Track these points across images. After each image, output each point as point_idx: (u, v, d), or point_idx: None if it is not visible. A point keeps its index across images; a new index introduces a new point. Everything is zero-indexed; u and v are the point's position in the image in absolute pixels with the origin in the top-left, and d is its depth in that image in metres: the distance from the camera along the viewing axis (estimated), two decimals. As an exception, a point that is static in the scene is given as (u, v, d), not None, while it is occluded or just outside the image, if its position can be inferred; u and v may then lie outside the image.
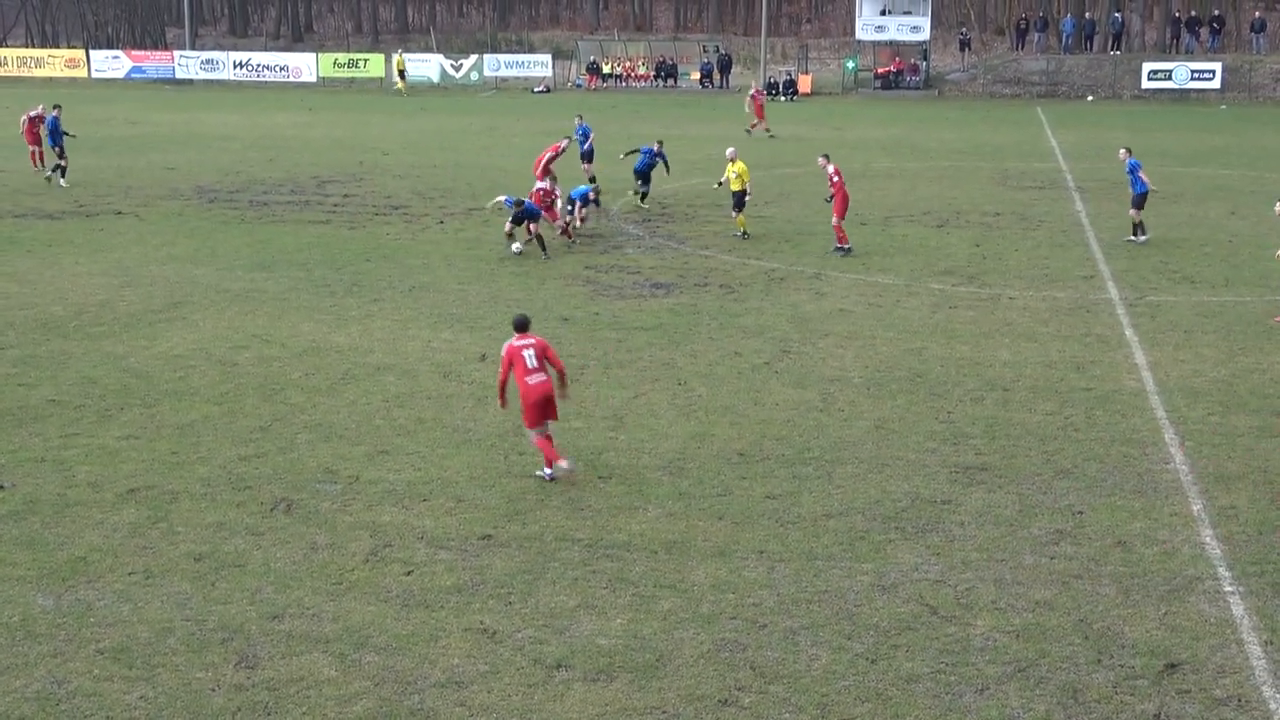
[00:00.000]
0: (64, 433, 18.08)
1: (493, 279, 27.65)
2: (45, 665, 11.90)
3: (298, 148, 50.47)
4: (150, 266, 28.72)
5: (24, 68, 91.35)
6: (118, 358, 21.74)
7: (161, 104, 71.53)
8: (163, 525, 14.99)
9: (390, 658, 12.06)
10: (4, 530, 14.82)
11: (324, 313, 24.67)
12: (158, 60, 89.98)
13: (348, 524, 15.04)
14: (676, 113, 66.30)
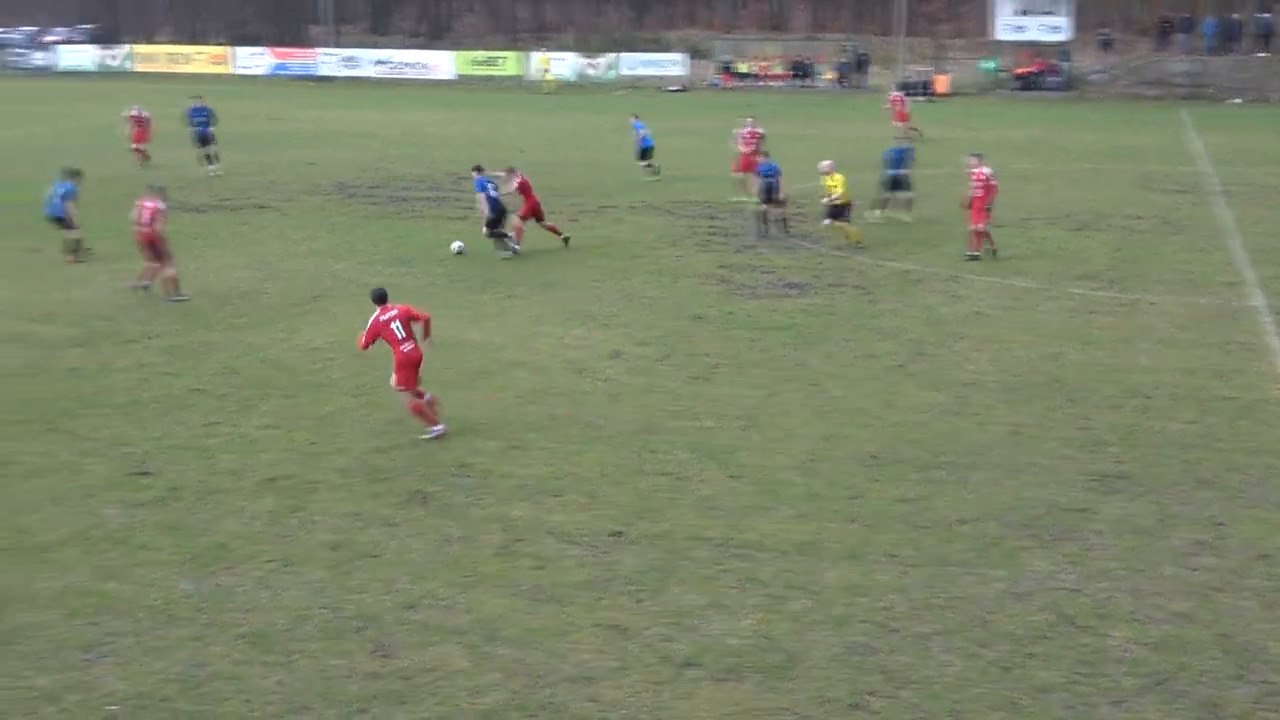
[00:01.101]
0: (206, 421, 18.49)
1: (626, 276, 27.74)
2: (186, 649, 12.18)
3: (436, 145, 51.03)
4: (291, 260, 29.23)
5: (172, 64, 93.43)
6: (259, 349, 22.17)
7: (303, 100, 72.74)
8: (301, 514, 15.26)
9: (521, 651, 12.16)
10: (148, 516, 15.19)
11: (461, 308, 24.93)
12: (300, 57, 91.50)
13: (480, 517, 15.19)
14: (812, 112, 65.97)
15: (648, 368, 21.20)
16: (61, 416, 18.70)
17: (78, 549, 14.33)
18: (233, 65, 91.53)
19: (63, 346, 22.30)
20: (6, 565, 13.90)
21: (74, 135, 44.22)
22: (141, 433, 18.03)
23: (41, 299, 25.56)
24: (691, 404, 19.31)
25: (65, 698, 11.35)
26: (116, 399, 19.51)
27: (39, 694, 11.40)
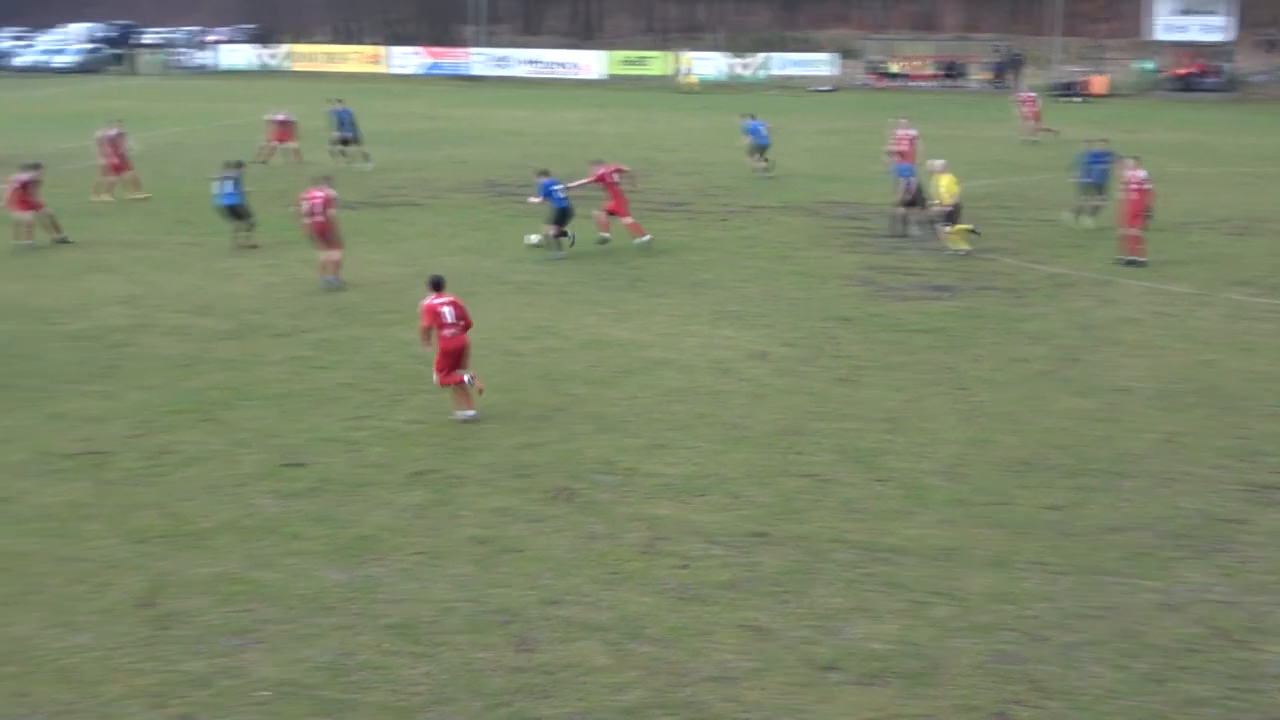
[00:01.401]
0: (357, 414, 18.78)
1: (772, 277, 27.65)
2: (335, 637, 12.38)
3: (584, 143, 51.29)
4: (440, 257, 29.58)
5: (328, 63, 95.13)
6: (407, 344, 22.41)
7: (455, 99, 73.59)
8: (447, 508, 15.44)
9: (662, 649, 12.17)
10: (300, 506, 15.47)
11: (605, 306, 25.04)
12: (452, 57, 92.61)
13: (624, 515, 15.24)
14: (962, 113, 65.19)
15: (793, 369, 21.11)
16: (217, 407, 19.13)
17: (231, 537, 14.64)
18: (387, 64, 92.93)
19: (219, 339, 22.82)
20: (163, 551, 14.25)
21: (233, 132, 45.22)
22: (293, 425, 18.38)
23: (200, 293, 26.18)
24: (836, 406, 19.19)
25: (217, 682, 11.61)
26: (269, 391, 19.91)
27: (192, 678, 11.67)
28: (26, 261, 29.16)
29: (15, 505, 15.51)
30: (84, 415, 18.78)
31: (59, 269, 28.35)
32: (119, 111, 49.41)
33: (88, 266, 28.62)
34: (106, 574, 13.70)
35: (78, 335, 22.95)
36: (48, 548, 14.33)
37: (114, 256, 29.67)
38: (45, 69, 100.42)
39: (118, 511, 15.32)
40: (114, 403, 19.34)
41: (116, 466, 16.78)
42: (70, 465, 16.81)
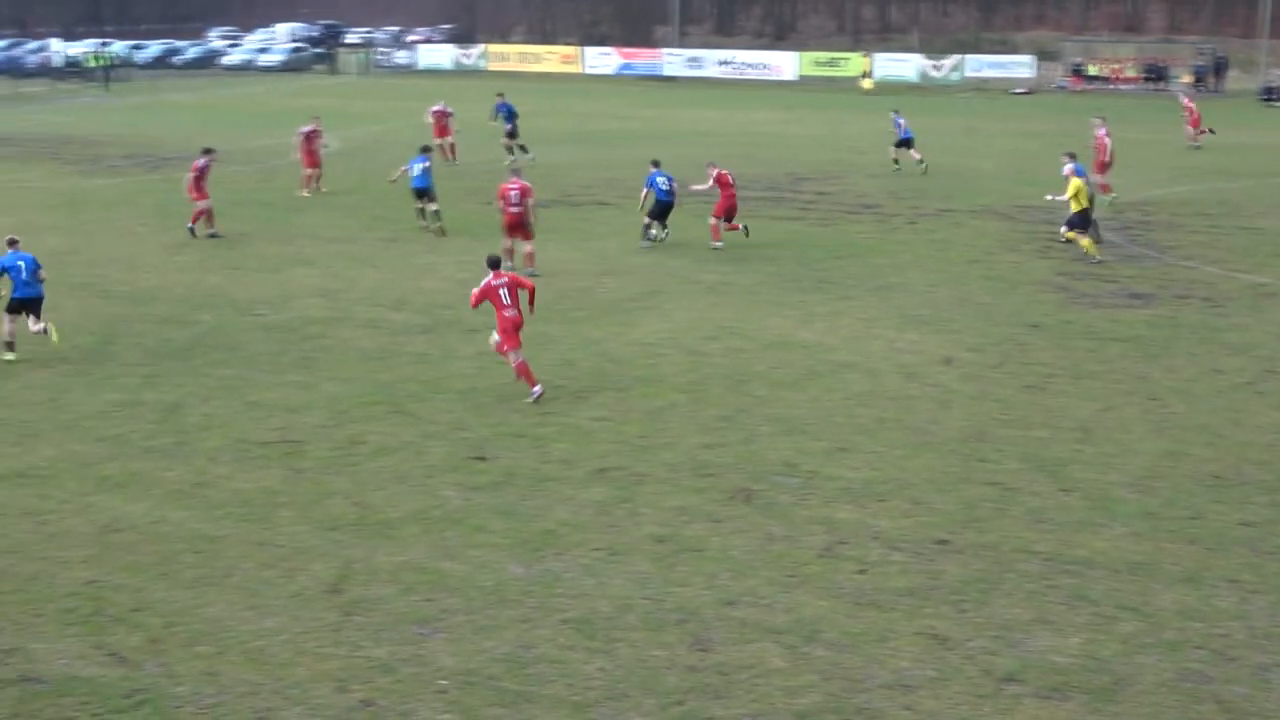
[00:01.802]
0: (542, 410, 18.99)
1: (962, 282, 27.27)
2: (514, 630, 12.53)
3: (775, 144, 51.21)
4: (629, 256, 29.78)
5: (523, 63, 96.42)
6: (594, 342, 22.66)
7: (647, 100, 73.99)
8: (628, 505, 15.52)
9: (839, 654, 12.08)
10: (484, 500, 15.70)
11: (792, 308, 24.95)
12: (646, 58, 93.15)
13: (804, 518, 15.16)
14: (1164, 117, 63.49)
15: (980, 374, 20.79)
16: (407, 400, 19.51)
17: (417, 527, 14.92)
18: (581, 65, 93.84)
19: (411, 333, 23.27)
20: (351, 539, 14.58)
21: (428, 132, 45.96)
22: (480, 419, 18.65)
23: (394, 288, 26.74)
24: (1024, 413, 18.85)
25: (400, 670, 11.83)
26: (458, 385, 20.24)
27: (376, 664, 11.92)
28: (229, 254, 30.08)
29: (212, 490, 16.01)
30: (280, 405, 19.31)
31: (260, 262, 29.19)
32: (320, 109, 50.69)
33: (288, 260, 29.43)
34: (297, 559, 14.06)
35: (276, 326, 23.60)
36: (242, 532, 14.77)
37: (313, 250, 30.46)
38: (252, 68, 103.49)
39: (309, 499, 15.72)
40: (309, 393, 19.86)
41: (310, 455, 17.21)
42: (265, 453, 17.30)
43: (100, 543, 14.49)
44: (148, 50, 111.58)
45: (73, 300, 25.57)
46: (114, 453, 17.32)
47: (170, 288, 26.76)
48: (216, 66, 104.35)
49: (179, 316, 24.45)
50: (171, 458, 17.12)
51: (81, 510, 15.40)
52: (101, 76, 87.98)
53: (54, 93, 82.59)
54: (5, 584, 13.47)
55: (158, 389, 20.08)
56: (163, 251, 30.53)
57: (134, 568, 13.86)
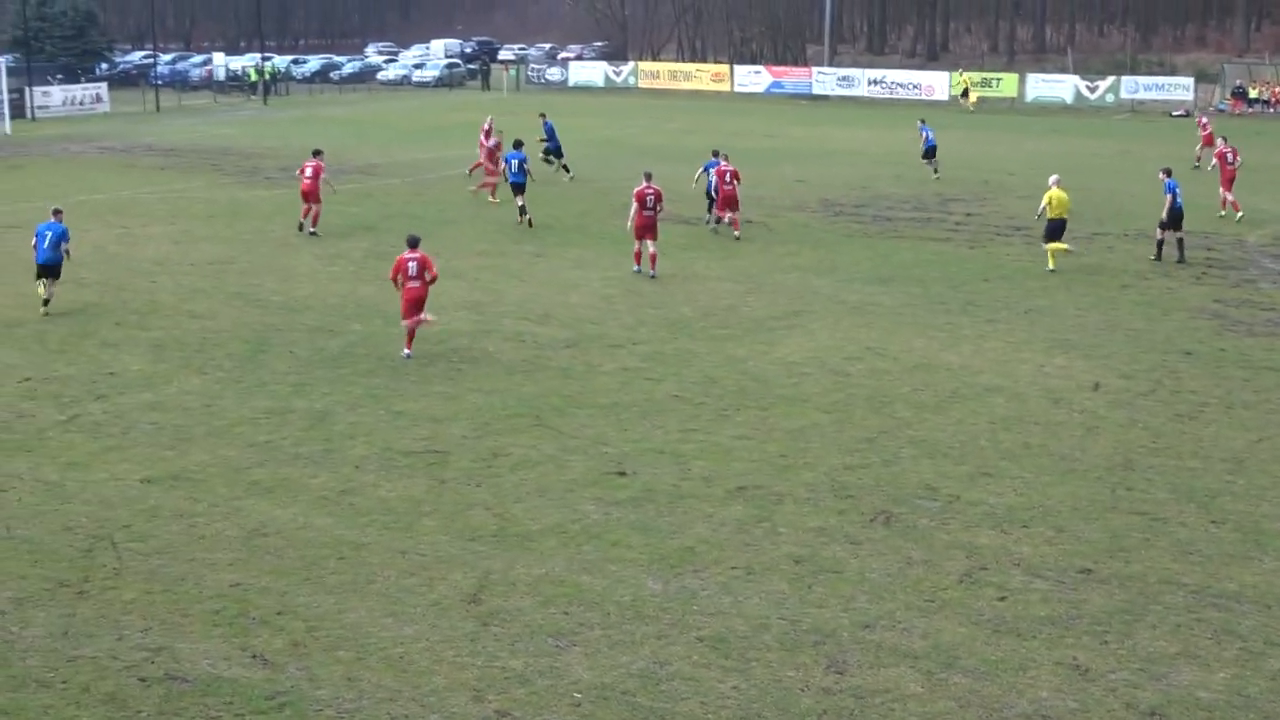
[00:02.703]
0: (683, 427, 19.01)
1: (1112, 306, 26.78)
2: (650, 646, 12.55)
3: (925, 165, 50.75)
4: (774, 275, 29.71)
5: (673, 80, 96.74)
6: (738, 360, 22.64)
7: (796, 118, 73.79)
8: (766, 525, 15.47)
9: (977, 681, 11.91)
10: (623, 515, 15.75)
11: (937, 330, 24.70)
12: (796, 76, 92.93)
13: (944, 542, 14.99)
14: (1328, 141, 61.83)
15: (1129, 401, 20.39)
16: (550, 413, 19.66)
17: (556, 540, 15.01)
18: (732, 83, 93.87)
19: (555, 347, 23.45)
20: (491, 550, 14.72)
21: (579, 148, 46.47)
22: (621, 434, 18.73)
23: (540, 302, 26.97)
24: (1174, 442, 18.44)
25: (535, 681, 11.91)
26: (600, 400, 20.35)
27: (512, 675, 12.01)
28: (381, 266, 30.49)
29: (358, 498, 16.27)
30: (426, 415, 19.58)
31: (410, 274, 29.60)
32: (471, 125, 51.23)
33: (440, 272, 29.73)
34: (438, 568, 14.23)
35: (424, 337, 23.91)
36: (385, 540, 14.98)
37: (462, 264, 30.82)
38: (408, 83, 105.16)
39: (452, 509, 15.91)
40: (454, 404, 20.10)
41: (453, 466, 17.42)
42: (410, 462, 17.54)
43: (247, 546, 14.80)
44: (307, 65, 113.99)
45: (228, 309, 26.18)
46: (263, 458, 17.69)
47: (323, 298, 27.28)
48: (373, 81, 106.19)
49: (330, 326, 24.91)
50: (319, 465, 17.44)
51: (230, 514, 15.75)
52: (261, 90, 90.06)
53: (216, 105, 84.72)
54: (155, 584, 13.82)
55: (307, 397, 20.47)
56: (316, 262, 31.13)
57: (279, 572, 14.14)
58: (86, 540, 14.96)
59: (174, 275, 29.50)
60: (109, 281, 28.78)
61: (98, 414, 19.61)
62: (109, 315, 25.68)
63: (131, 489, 16.56)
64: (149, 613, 13.17)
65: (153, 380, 21.41)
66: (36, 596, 13.54)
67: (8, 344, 23.55)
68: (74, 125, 68.33)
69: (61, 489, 16.56)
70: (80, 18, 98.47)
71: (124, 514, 15.73)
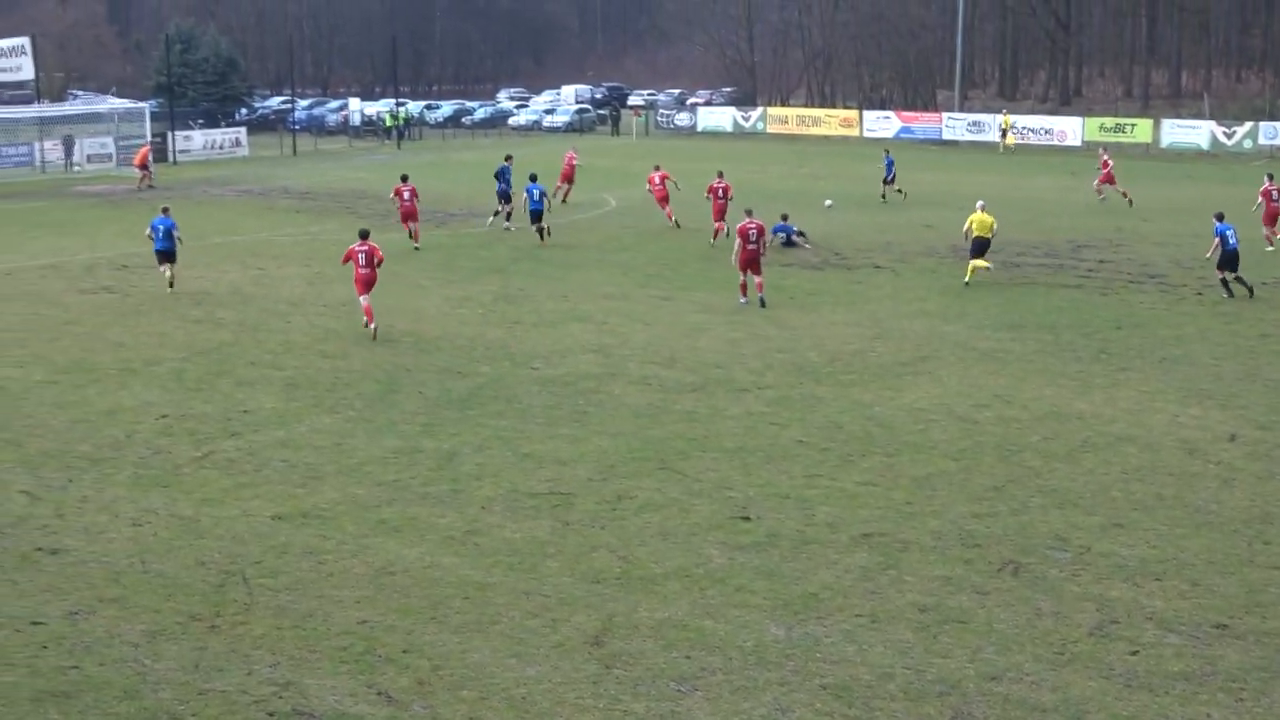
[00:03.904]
0: (808, 473, 18.91)
1: (1251, 356, 26.18)
2: (772, 692, 12.47)
3: (1056, 211, 50.17)
4: (901, 320, 29.50)
5: (802, 126, 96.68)
6: (864, 406, 22.48)
7: (926, 163, 73.28)
8: (892, 572, 15.32)
9: (1107, 737, 11.66)
10: (747, 559, 15.69)
11: (1068, 378, 24.34)
12: (926, 121, 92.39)
13: (1074, 594, 14.72)
14: None
15: (1267, 453, 19.91)
16: (675, 456, 19.67)
17: (680, 584, 14.99)
18: (861, 128, 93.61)
19: (682, 391, 23.47)
20: (615, 593, 14.73)
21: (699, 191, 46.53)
22: (746, 478, 18.67)
23: (667, 345, 27.02)
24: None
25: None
26: (725, 444, 20.32)
27: (634, 719, 11.98)
28: (509, 308, 30.86)
29: (483, 538, 16.39)
30: (552, 457, 19.69)
31: (538, 316, 29.87)
32: (601, 170, 51.58)
33: (564, 315, 30.03)
34: (561, 610, 14.27)
35: (551, 380, 24.09)
36: (509, 581, 15.07)
37: (589, 307, 31.02)
38: (538, 128, 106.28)
39: (576, 551, 15.96)
40: (580, 446, 20.19)
41: (578, 508, 17.49)
42: (536, 504, 17.64)
43: (375, 584, 14.97)
44: (440, 110, 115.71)
45: (360, 349, 26.59)
46: (392, 497, 17.90)
47: (452, 339, 27.59)
48: (504, 126, 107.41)
49: (459, 367, 25.17)
50: (446, 505, 17.60)
51: (359, 552, 15.95)
52: (396, 135, 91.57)
53: (351, 150, 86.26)
54: (284, 620, 14.02)
55: (436, 437, 20.69)
56: (445, 304, 31.51)
57: (405, 610, 14.28)
58: (219, 575, 15.24)
59: (308, 315, 30.05)
60: (245, 321, 29.38)
61: (231, 451, 20.00)
62: (244, 354, 26.21)
63: (263, 525, 16.85)
64: (278, 648, 13.37)
65: (285, 418, 21.79)
66: (169, 630, 13.81)
67: (147, 381, 24.13)
68: (214, 168, 70.00)
69: (196, 524, 16.90)
70: (222, 64, 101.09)
71: (255, 550, 16.00)
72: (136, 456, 19.80)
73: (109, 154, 71.73)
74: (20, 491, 18.23)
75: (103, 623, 14.02)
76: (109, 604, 14.49)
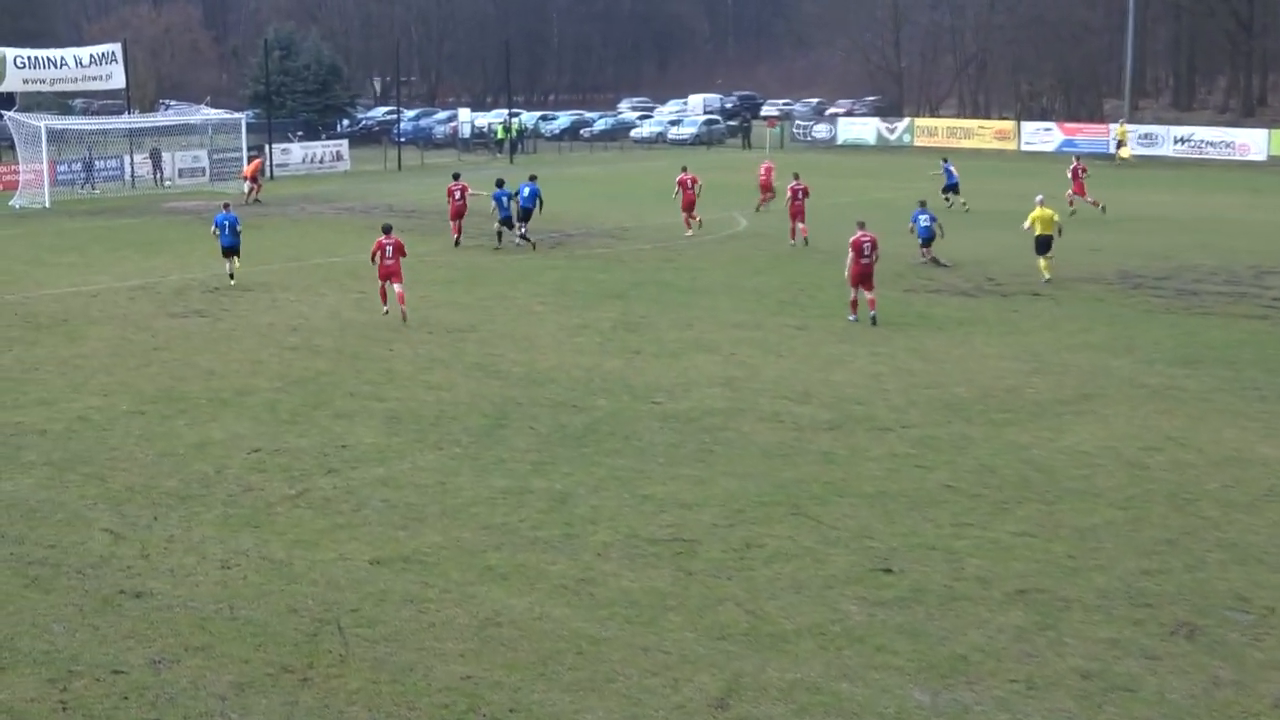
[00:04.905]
0: (956, 521, 18.70)
1: None
2: (916, 764, 12.31)
3: (1237, 232, 49.38)
4: (1062, 353, 29.13)
5: (952, 138, 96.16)
6: (1020, 448, 22.20)
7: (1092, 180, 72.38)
8: (1050, 633, 15.07)
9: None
10: (888, 616, 15.52)
11: (1250, 418, 23.85)
12: (1091, 134, 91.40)
13: (1258, 661, 14.38)
14: None
15: None
16: (809, 501, 19.55)
17: (813, 642, 14.87)
18: (1017, 141, 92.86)
19: (817, 429, 23.34)
20: (741, 651, 14.65)
21: (847, 211, 46.44)
22: (888, 527, 18.51)
23: (800, 379, 26.92)
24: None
25: (787, 798, 11.78)
26: (865, 488, 20.16)
27: (761, 790, 11.90)
28: (629, 337, 30.94)
29: (598, 588, 16.39)
30: (673, 500, 19.67)
31: (660, 346, 29.91)
32: (732, 188, 51.60)
33: (688, 345, 30.05)
34: (683, 668, 14.22)
35: (674, 415, 24.09)
36: (626, 635, 15.05)
37: (716, 336, 31.02)
38: (663, 141, 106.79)
39: (699, 604, 15.90)
40: (704, 489, 20.15)
41: (702, 556, 17.43)
42: (656, 551, 17.61)
43: (480, 636, 15.02)
44: (556, 121, 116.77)
45: (467, 380, 26.80)
46: (499, 541, 17.98)
47: (567, 370, 27.71)
48: (625, 139, 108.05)
49: (574, 401, 25.27)
50: (558, 550, 17.65)
51: (463, 600, 16.02)
52: (508, 148, 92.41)
53: (460, 164, 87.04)
54: (381, 673, 14.11)
55: (547, 477, 20.77)
56: (560, 332, 31.68)
57: (513, 665, 14.31)
58: (312, 624, 15.39)
59: (411, 344, 30.37)
60: (344, 349, 29.77)
61: (328, 489, 20.24)
62: (342, 384, 26.54)
63: (360, 570, 17.00)
64: (374, 703, 13.46)
65: (386, 454, 22.01)
66: (258, 682, 13.96)
67: (239, 412, 24.51)
68: (313, 184, 71.19)
69: (288, 568, 17.10)
70: (324, 71, 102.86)
71: (351, 597, 16.15)
72: (226, 494, 20.10)
73: (201, 168, 73.32)
74: (103, 530, 18.57)
75: (187, 672, 14.21)
76: (194, 652, 14.69)
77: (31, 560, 17.41)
